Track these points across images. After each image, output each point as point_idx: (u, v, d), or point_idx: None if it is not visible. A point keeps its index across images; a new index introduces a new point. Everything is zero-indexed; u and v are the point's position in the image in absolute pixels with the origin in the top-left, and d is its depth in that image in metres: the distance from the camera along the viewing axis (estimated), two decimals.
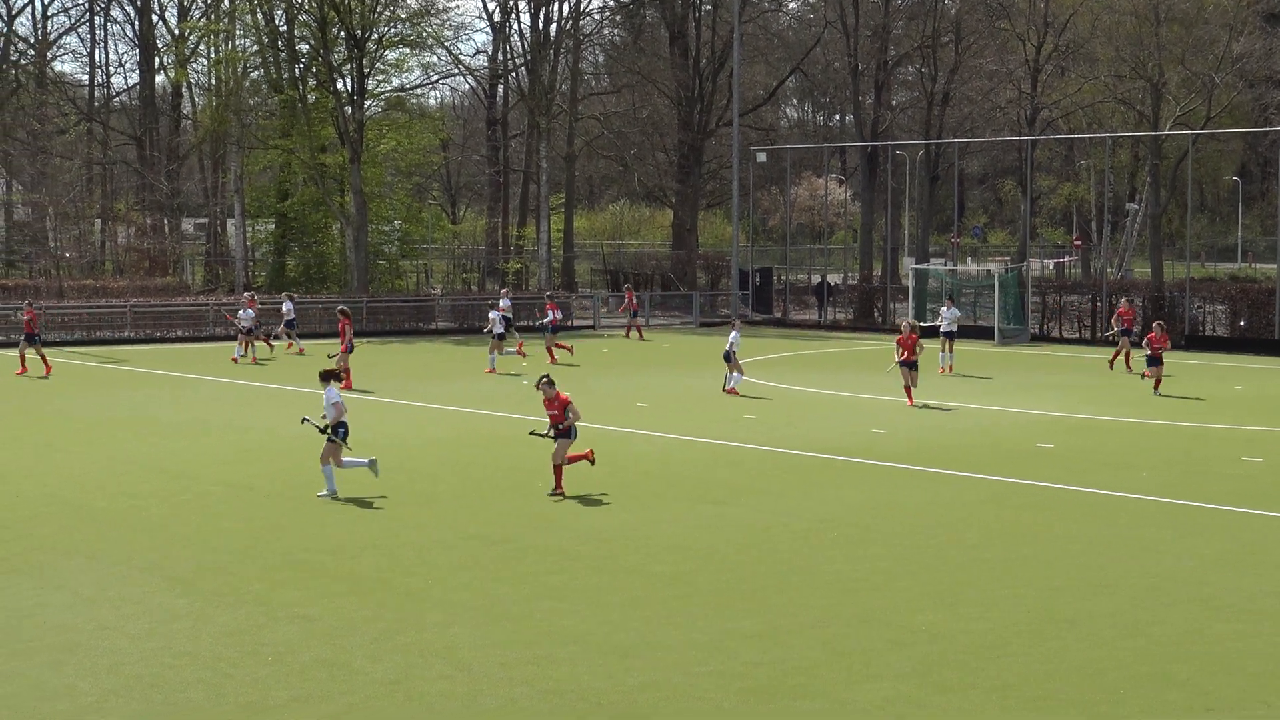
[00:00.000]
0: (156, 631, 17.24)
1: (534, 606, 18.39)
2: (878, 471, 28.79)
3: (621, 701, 14.84)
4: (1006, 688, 15.33)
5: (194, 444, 32.05)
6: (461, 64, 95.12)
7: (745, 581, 19.73)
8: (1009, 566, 20.66)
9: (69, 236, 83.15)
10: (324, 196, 76.41)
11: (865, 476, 28.24)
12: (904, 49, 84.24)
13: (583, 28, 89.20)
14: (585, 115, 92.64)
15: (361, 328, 65.29)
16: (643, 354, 57.53)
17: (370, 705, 14.70)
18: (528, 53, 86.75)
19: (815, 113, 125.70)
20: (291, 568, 20.38)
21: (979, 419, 36.98)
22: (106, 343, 60.06)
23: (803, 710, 14.63)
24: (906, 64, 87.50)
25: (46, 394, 41.95)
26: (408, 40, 76.48)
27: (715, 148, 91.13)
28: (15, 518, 23.76)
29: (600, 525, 23.39)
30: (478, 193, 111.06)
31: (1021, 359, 55.81)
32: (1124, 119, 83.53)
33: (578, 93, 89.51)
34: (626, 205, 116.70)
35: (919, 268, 72.12)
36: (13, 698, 14.89)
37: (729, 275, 79.90)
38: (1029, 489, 27.05)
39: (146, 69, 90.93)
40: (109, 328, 61.57)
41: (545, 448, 31.36)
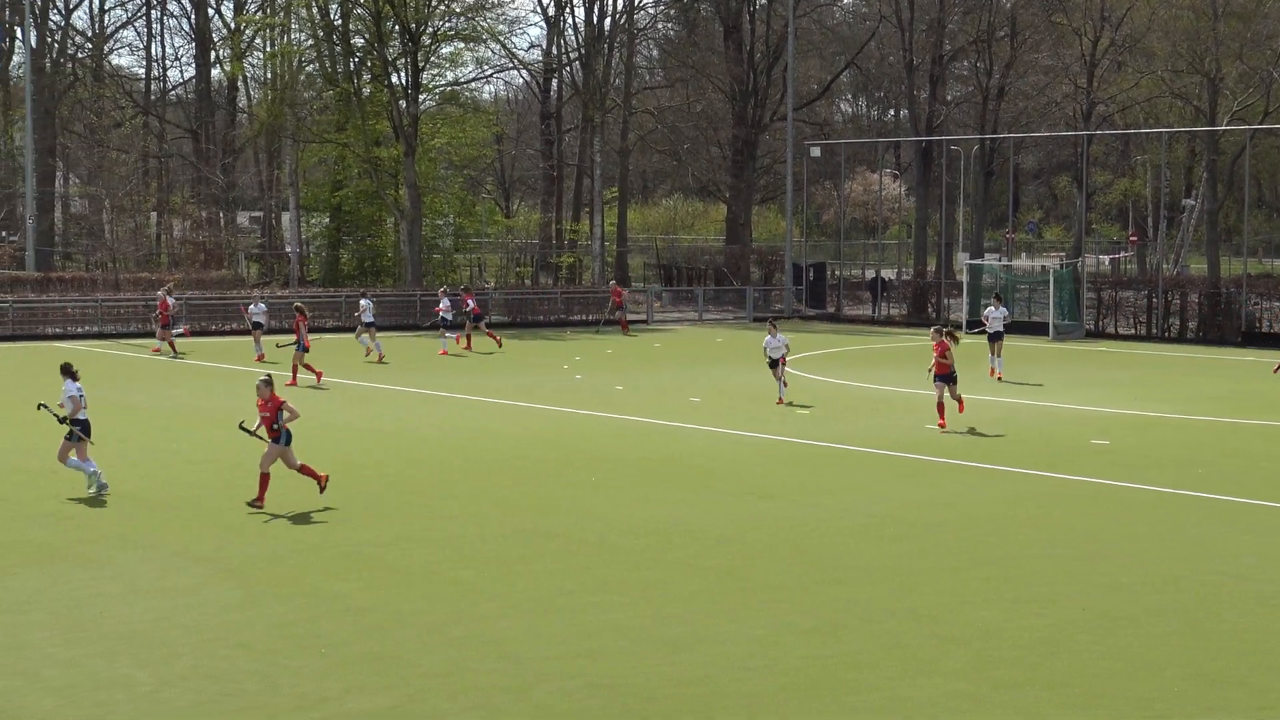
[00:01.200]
0: (211, 623, 17.29)
1: (585, 599, 18.37)
2: (932, 467, 28.67)
3: (674, 695, 14.79)
4: (1063, 685, 15.22)
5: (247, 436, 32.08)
6: (516, 58, 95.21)
7: (798, 576, 19.67)
8: (1065, 563, 20.53)
9: (125, 229, 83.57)
10: (378, 190, 76.54)
11: (919, 472, 28.12)
12: (959, 43, 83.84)
13: (637, 22, 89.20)
14: (639, 109, 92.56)
15: (414, 321, 65.47)
16: (695, 348, 57.47)
17: (422, 697, 14.70)
18: (582, 47, 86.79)
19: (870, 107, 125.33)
20: (344, 560, 20.41)
21: (1034, 415, 36.79)
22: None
23: (856, 706, 14.56)
24: (961, 58, 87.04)
25: (100, 385, 42.12)
26: (462, 34, 76.64)
27: (769, 142, 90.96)
28: (72, 509, 23.87)
29: (652, 519, 23.35)
30: (531, 187, 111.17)
31: (1076, 355, 55.53)
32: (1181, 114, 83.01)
33: (632, 87, 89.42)
34: (680, 199, 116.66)
35: (973, 263, 71.79)
36: (70, 688, 14.95)
37: (782, 270, 79.74)
38: (1085, 485, 26.89)
39: (202, 62, 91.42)
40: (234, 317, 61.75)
41: (608, 441, 31.40)
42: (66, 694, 14.76)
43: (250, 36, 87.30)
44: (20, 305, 59.89)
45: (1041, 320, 64.40)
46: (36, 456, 28.92)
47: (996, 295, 49.27)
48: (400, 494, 25.45)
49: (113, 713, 14.21)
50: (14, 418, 35.07)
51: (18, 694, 14.72)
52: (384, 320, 64.05)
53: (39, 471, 27.24)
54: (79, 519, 23.02)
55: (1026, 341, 60.03)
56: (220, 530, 22.30)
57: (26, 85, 76.96)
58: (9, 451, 29.67)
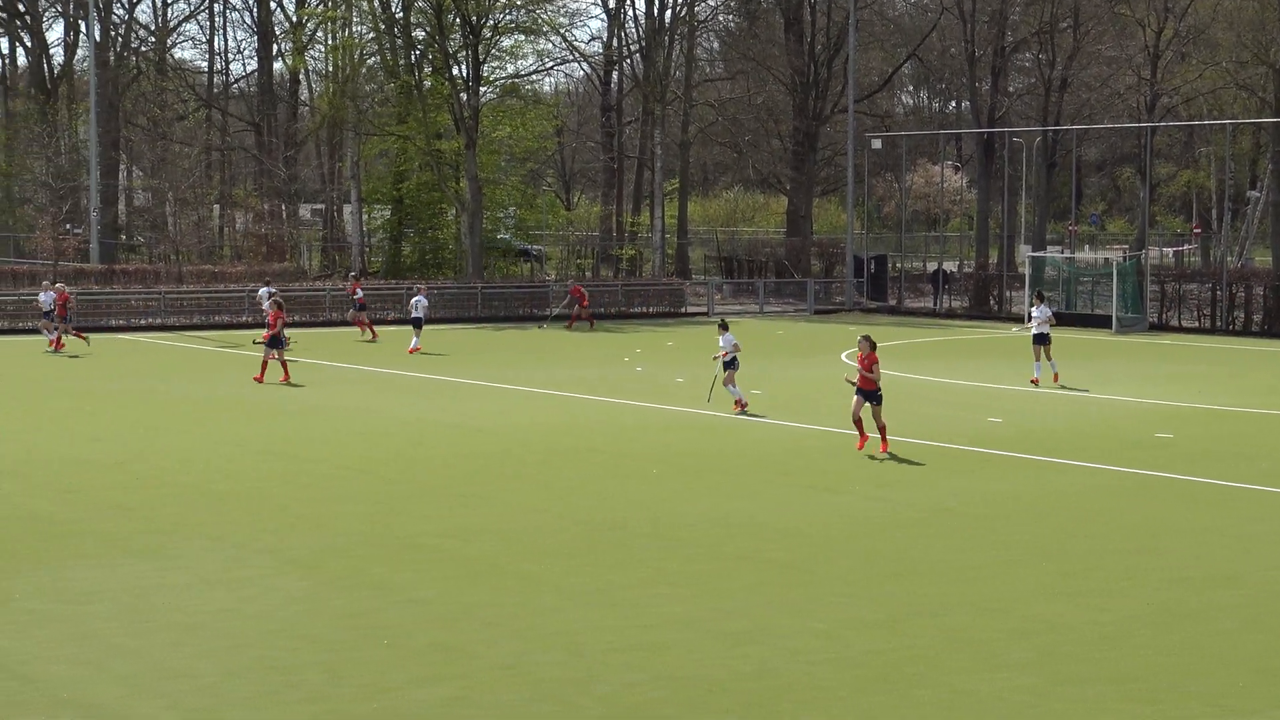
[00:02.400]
0: (275, 614, 17.37)
1: (648, 592, 18.37)
2: (995, 460, 28.56)
3: (737, 689, 14.78)
4: (1128, 679, 15.15)
5: (312, 427, 32.30)
6: (576, 50, 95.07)
7: (862, 569, 19.63)
8: (1128, 557, 20.43)
9: (188, 222, 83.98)
10: (439, 183, 76.77)
11: (982, 465, 28.03)
12: (1021, 34, 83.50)
13: (698, 14, 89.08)
14: (700, 102, 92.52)
15: (475, 314, 65.64)
16: (756, 341, 57.36)
17: (486, 689, 14.73)
18: (643, 39, 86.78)
19: (931, 99, 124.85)
20: (408, 551, 20.48)
21: (1097, 408, 36.61)
22: (224, 327, 60.65)
23: (920, 699, 14.52)
24: (1024, 50, 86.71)
25: (165, 377, 42.40)
26: (523, 27, 76.68)
27: (830, 134, 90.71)
28: (136, 500, 24.01)
29: (713, 512, 23.34)
30: (592, 179, 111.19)
31: (1139, 348, 55.23)
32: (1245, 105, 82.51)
33: (692, 79, 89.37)
34: (741, 192, 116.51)
35: (1035, 255, 71.48)
36: (135, 677, 15.05)
37: (843, 263, 79.59)
38: (1148, 479, 26.74)
39: (264, 56, 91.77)
40: (226, 312, 62.17)
41: (669, 433, 31.42)
42: (132, 683, 14.86)
43: (312, 29, 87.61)
44: (84, 297, 60.27)
45: (1104, 313, 64.05)
46: (102, 448, 29.14)
47: (1039, 293, 45.75)
48: (461, 485, 25.51)
49: (178, 703, 14.29)
50: (78, 409, 35.30)
51: (84, 683, 14.83)
52: (446, 312, 64.35)
53: (105, 463, 27.43)
54: (144, 510, 23.16)
55: (1089, 334, 59.74)
56: (282, 521, 22.40)
57: (91, 79, 77.41)
58: (75, 443, 29.87)
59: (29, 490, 24.79)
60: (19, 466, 27.02)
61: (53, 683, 14.86)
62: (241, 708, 14.19)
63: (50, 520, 22.40)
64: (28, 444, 29.59)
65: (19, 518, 22.55)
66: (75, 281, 64.38)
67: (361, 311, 56.33)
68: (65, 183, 76.33)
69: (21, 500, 23.94)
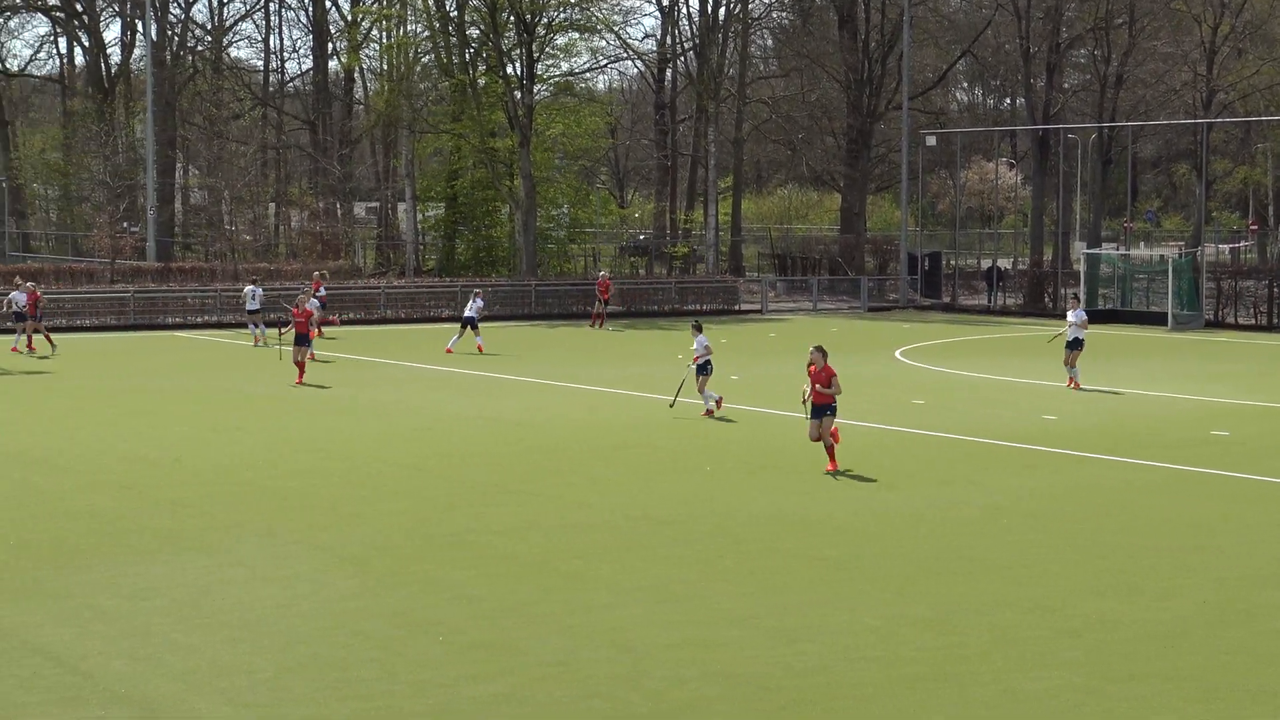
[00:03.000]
0: (329, 610, 17.46)
1: (700, 588, 18.39)
2: (1048, 458, 28.47)
3: (789, 686, 14.80)
4: (1181, 678, 15.09)
5: (365, 424, 32.42)
6: (630, 48, 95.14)
7: (914, 567, 19.60)
8: (1185, 555, 20.35)
9: (243, 220, 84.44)
10: (493, 180, 76.91)
11: (1036, 463, 27.94)
12: (1076, 31, 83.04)
13: (751, 11, 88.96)
14: (753, 99, 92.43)
15: (529, 311, 65.76)
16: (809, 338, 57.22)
17: (536, 686, 14.78)
18: (696, 37, 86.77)
19: (985, 96, 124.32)
20: (459, 548, 20.55)
21: (1152, 406, 36.44)
22: (279, 324, 60.79)
23: (971, 697, 14.50)
24: (1079, 46, 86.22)
25: (218, 374, 42.61)
26: (577, 25, 76.72)
27: (884, 131, 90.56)
28: (192, 496, 24.16)
29: (766, 508, 23.34)
30: (645, 177, 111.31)
31: (1195, 345, 54.92)
32: None
33: (746, 77, 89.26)
34: (794, 189, 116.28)
35: (1091, 252, 71.16)
36: (191, 673, 15.15)
37: (897, 260, 79.41)
38: (1205, 477, 26.61)
39: (320, 54, 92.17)
40: (281, 310, 62.36)
41: (722, 430, 31.45)
42: (188, 679, 14.97)
43: (367, 28, 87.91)
44: (141, 295, 60.68)
45: (1160, 310, 63.74)
46: (159, 445, 29.31)
47: (1075, 295, 44.90)
48: (513, 482, 25.57)
49: (233, 699, 14.39)
50: (136, 406, 35.52)
51: (141, 679, 14.95)
52: (500, 310, 64.51)
53: (160, 461, 27.60)
54: (200, 507, 23.30)
55: (1145, 332, 59.48)
56: (338, 518, 22.51)
57: (148, 78, 77.82)
58: (131, 440, 30.06)
59: (87, 487, 24.97)
60: (77, 463, 27.23)
61: (110, 678, 14.99)
62: (297, 704, 14.27)
63: (108, 516, 22.56)
64: (86, 441, 29.80)
65: (78, 514, 22.72)
66: (133, 280, 64.80)
67: (322, 309, 53.32)
68: (122, 181, 76.82)
69: (80, 497, 24.12)
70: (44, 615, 17.22)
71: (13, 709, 14.09)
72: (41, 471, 26.46)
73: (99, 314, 59.89)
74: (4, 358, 46.25)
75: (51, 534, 21.33)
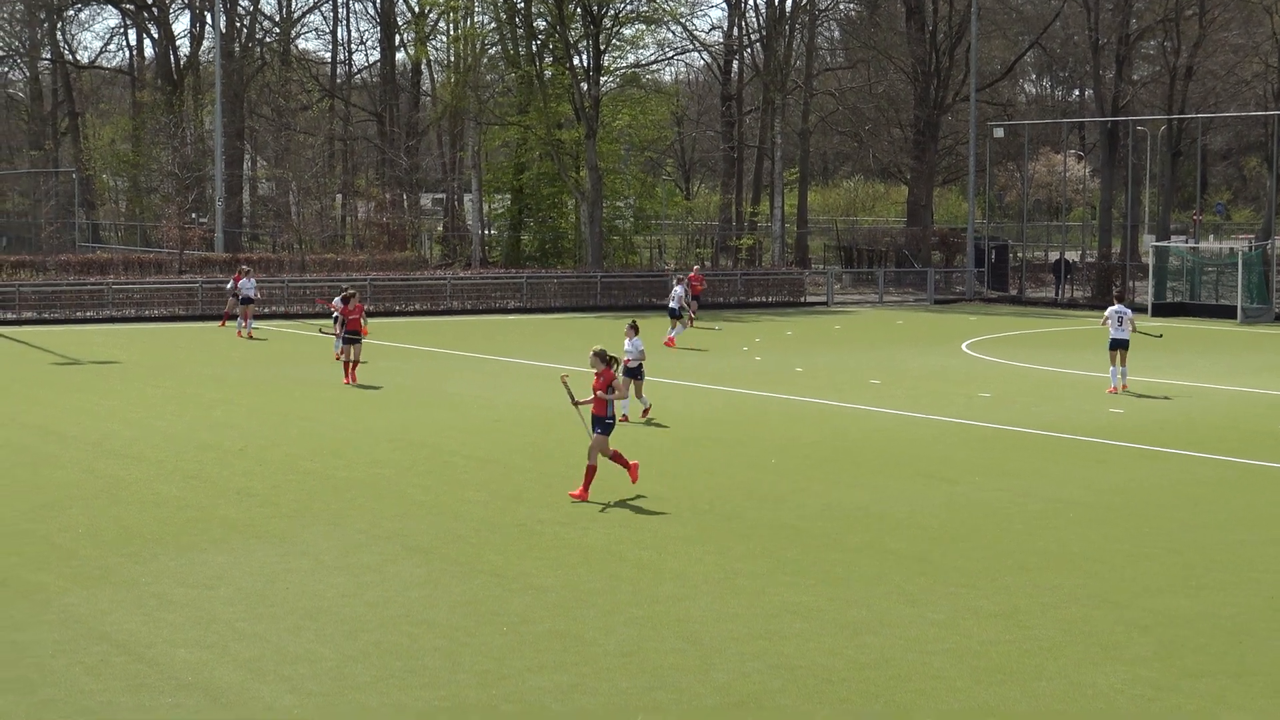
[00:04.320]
0: (395, 599, 17.49)
1: (766, 581, 18.35)
2: (1116, 452, 28.28)
3: (853, 678, 14.74)
4: (1250, 673, 14.96)
5: (434, 415, 32.50)
6: (697, 40, 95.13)
7: (981, 560, 19.50)
8: (1254, 550, 20.18)
9: (310, 211, 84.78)
10: (559, 172, 76.96)
11: (1104, 457, 27.76)
12: (1146, 22, 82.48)
13: (818, 3, 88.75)
14: (820, 91, 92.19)
15: (594, 303, 65.80)
16: (875, 330, 57.20)
17: (603, 676, 14.77)
18: (763, 28, 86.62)
19: (1054, 88, 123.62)
20: (525, 538, 20.55)
21: (1221, 400, 36.14)
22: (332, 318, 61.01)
23: (1040, 692, 14.41)
24: (1148, 37, 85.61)
25: (287, 364, 42.79)
26: (644, 16, 76.76)
27: (951, 123, 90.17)
28: (260, 486, 24.25)
29: (832, 501, 23.27)
30: (711, 168, 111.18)
31: (1266, 339, 54.48)
32: None
33: (813, 68, 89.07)
34: (861, 181, 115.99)
35: (1159, 245, 70.69)
36: (256, 661, 15.21)
37: (964, 252, 79.07)
38: (1273, 472, 26.40)
39: (387, 46, 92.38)
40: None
41: (787, 423, 31.39)
42: (253, 667, 15.02)
43: (434, 20, 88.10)
44: (209, 285, 60.99)
45: (1230, 303, 63.26)
46: (226, 434, 29.44)
47: (1119, 291, 42.22)
48: (577, 472, 25.48)
49: (298, 687, 14.43)
50: (204, 396, 35.70)
51: (206, 667, 15.01)
52: (565, 301, 64.69)
53: (228, 449, 27.72)
54: (266, 496, 23.40)
55: (1214, 325, 59.05)
56: (403, 507, 22.56)
57: (216, 70, 78.23)
58: (199, 429, 30.20)
59: (155, 476, 25.10)
60: (145, 452, 27.38)
61: (176, 666, 15.05)
62: (361, 691, 14.31)
63: (176, 505, 22.67)
64: (154, 430, 29.97)
65: (146, 503, 22.85)
66: (201, 270, 65.14)
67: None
68: (191, 172, 77.16)
69: (148, 485, 24.25)
70: (112, 603, 17.32)
71: (80, 695, 14.18)
72: (110, 460, 26.63)
73: (167, 304, 60.25)
74: (158, 343, 46.64)
75: (120, 522, 21.46)
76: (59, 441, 28.73)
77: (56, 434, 29.63)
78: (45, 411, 32.79)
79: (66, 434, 29.61)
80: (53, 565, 19.04)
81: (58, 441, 28.73)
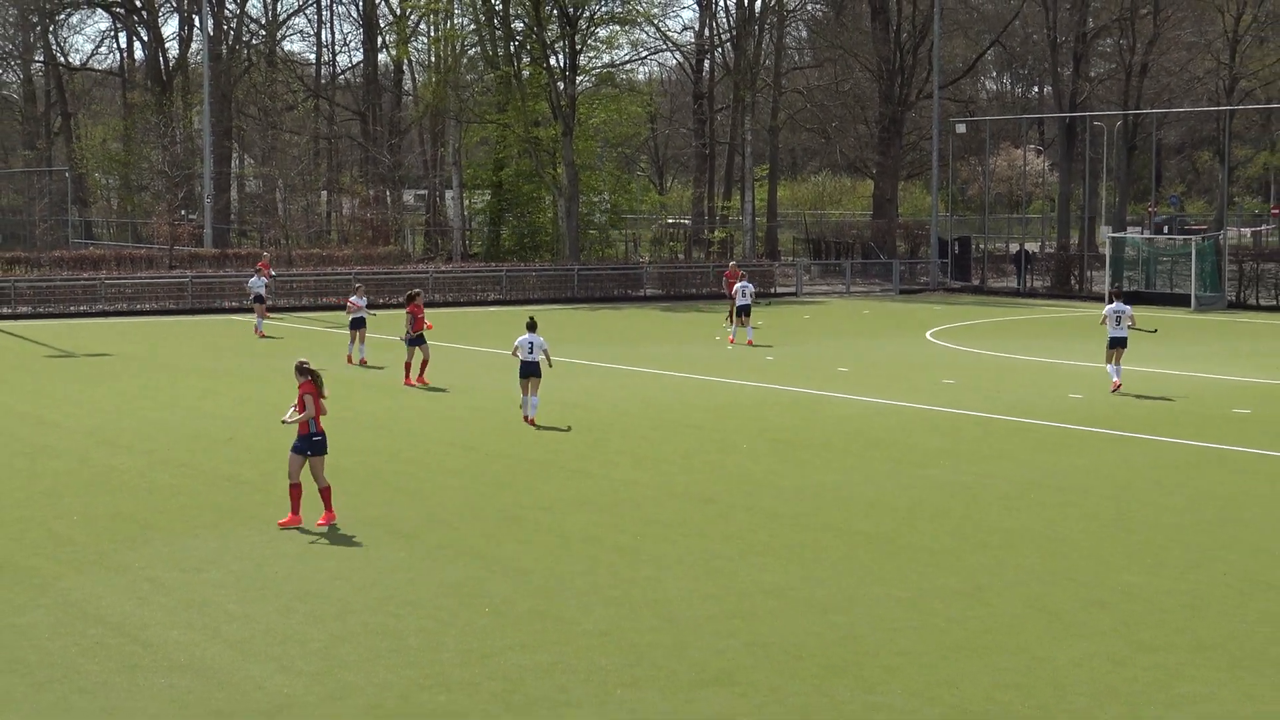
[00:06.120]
0: (381, 582, 17.49)
1: (739, 563, 18.38)
2: (1077, 435, 28.36)
3: (822, 655, 14.78)
4: (1206, 647, 15.03)
5: (417, 404, 32.48)
6: (669, 40, 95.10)
7: (946, 541, 19.55)
8: (1209, 529, 20.25)
9: (297, 207, 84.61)
10: (537, 169, 76.89)
11: (1064, 440, 27.83)
12: (1102, 21, 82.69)
13: (786, 3, 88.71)
14: (788, 89, 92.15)
15: (572, 295, 65.78)
16: (843, 320, 57.25)
17: (582, 654, 14.79)
18: (733, 28, 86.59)
19: (1014, 85, 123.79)
20: (508, 523, 20.56)
21: (1175, 385, 36.21)
22: (333, 308, 61.00)
23: (1001, 666, 14.46)
24: (1105, 36, 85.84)
25: (273, 356, 42.70)
26: (618, 17, 76.65)
27: (915, 119, 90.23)
28: (249, 473, 24.22)
29: (804, 485, 23.31)
30: (684, 164, 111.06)
31: (1218, 326, 54.65)
32: None
33: (781, 67, 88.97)
34: (828, 176, 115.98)
35: (1116, 236, 70.84)
36: (247, 641, 15.21)
37: (928, 244, 79.18)
38: (1228, 454, 26.49)
39: (370, 47, 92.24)
40: (334, 293, 62.50)
41: (759, 409, 31.40)
42: (244, 648, 15.03)
43: (415, 22, 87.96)
44: (199, 280, 60.85)
45: (1184, 292, 63.42)
46: (215, 424, 29.39)
47: (1116, 289, 40.57)
48: (557, 459, 25.59)
49: (288, 667, 14.44)
50: (194, 387, 35.62)
51: (198, 647, 15.01)
52: (543, 294, 64.72)
53: (217, 439, 27.67)
54: (256, 484, 23.37)
55: (1168, 312, 59.19)
56: (388, 494, 22.56)
57: (204, 71, 78.04)
58: (190, 419, 30.15)
59: (148, 465, 25.05)
60: (138, 442, 27.33)
61: (169, 647, 15.05)
62: (349, 670, 14.32)
63: (168, 492, 22.64)
64: (146, 420, 29.91)
65: (139, 490, 22.82)
66: (190, 265, 64.98)
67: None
68: (180, 171, 76.97)
69: (141, 474, 24.22)
70: (106, 587, 17.31)
71: (77, 676, 14.17)
72: (104, 450, 26.58)
73: (158, 298, 60.05)
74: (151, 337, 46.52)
75: (113, 509, 21.44)
76: (55, 432, 28.68)
77: (52, 424, 29.57)
78: (41, 403, 32.72)
79: (62, 424, 29.56)
80: (49, 551, 19.02)
81: (53, 431, 28.68)
